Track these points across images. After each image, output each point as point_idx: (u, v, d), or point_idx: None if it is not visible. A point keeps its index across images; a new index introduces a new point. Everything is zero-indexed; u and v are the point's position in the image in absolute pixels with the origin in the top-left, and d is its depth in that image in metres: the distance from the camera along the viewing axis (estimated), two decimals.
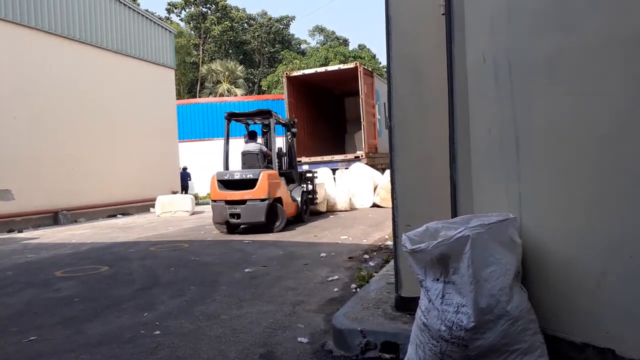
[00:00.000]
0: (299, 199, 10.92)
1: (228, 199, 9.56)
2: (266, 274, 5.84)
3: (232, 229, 9.84)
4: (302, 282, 5.39)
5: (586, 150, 2.23)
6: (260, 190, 9.38)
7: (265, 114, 10.51)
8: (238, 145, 11.01)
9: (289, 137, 11.60)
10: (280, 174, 11.12)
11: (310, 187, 12.22)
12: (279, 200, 9.90)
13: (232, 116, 10.62)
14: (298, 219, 10.97)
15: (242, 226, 9.95)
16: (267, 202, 9.42)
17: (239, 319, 4.12)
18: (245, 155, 10.46)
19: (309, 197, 11.90)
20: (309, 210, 11.82)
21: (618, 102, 2.09)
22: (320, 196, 12.85)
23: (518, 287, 2.38)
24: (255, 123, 11.25)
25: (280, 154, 11.26)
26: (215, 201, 9.79)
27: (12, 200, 12.77)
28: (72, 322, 4.25)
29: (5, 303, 5.04)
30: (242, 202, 9.45)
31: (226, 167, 10.56)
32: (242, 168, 10.29)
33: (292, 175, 11.40)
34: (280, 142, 11.59)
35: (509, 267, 2.33)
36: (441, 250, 2.32)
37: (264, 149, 10.51)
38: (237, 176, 9.73)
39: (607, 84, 2.13)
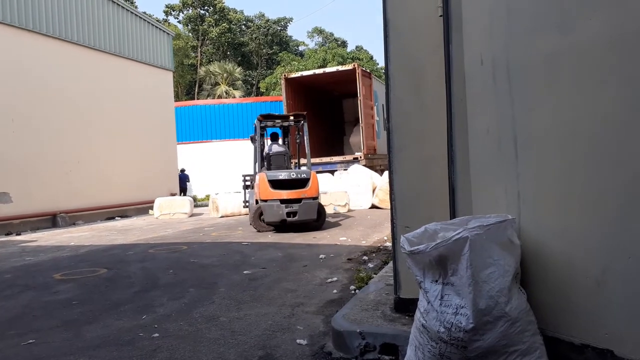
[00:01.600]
0: None
1: (284, 197, 9.81)
2: (265, 276, 5.84)
3: (282, 228, 10.08)
4: (301, 283, 5.39)
5: (585, 150, 2.23)
6: (313, 189, 9.98)
7: (300, 117, 10.92)
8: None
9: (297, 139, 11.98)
10: None
11: None
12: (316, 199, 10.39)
13: (265, 118, 10.91)
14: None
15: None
16: (317, 200, 10.10)
17: (238, 321, 4.11)
18: (273, 156, 10.77)
19: None
20: None
21: (617, 103, 2.09)
22: (324, 198, 12.90)
23: (517, 288, 2.39)
24: (277, 126, 11.44)
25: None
26: (266, 201, 9.92)
27: (10, 203, 12.75)
28: (70, 325, 4.25)
29: (3, 306, 5.03)
30: (298, 200, 9.84)
31: (259, 168, 10.76)
32: (270, 169, 10.50)
33: None
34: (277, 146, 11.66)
35: (507, 268, 2.33)
36: (440, 252, 2.32)
37: (288, 150, 10.98)
38: (293, 175, 10.08)
39: (605, 85, 2.13)
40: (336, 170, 16.32)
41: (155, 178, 18.07)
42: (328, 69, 19.51)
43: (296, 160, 12.45)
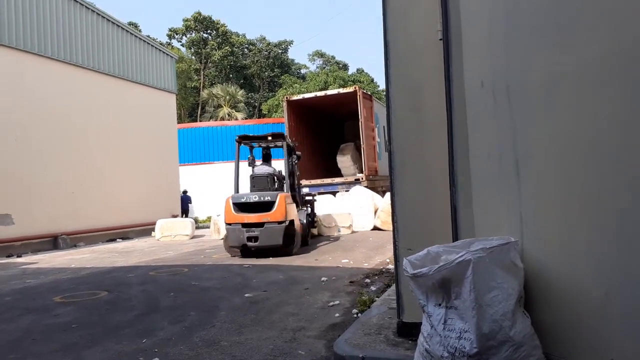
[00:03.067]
0: (305, 221, 10.93)
1: (245, 221, 9.39)
2: (267, 299, 5.79)
3: (247, 252, 9.63)
4: (303, 307, 5.33)
5: (586, 172, 2.23)
6: (277, 213, 9.32)
7: (279, 137, 10.53)
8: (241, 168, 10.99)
9: (294, 160, 11.49)
10: None
11: (309, 209, 12.16)
12: (292, 222, 9.78)
13: (243, 139, 10.63)
14: (303, 242, 10.80)
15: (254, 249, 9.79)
16: (284, 224, 9.34)
17: (239, 345, 4.06)
18: (254, 178, 10.39)
19: (310, 220, 11.84)
20: (311, 233, 11.79)
21: (618, 123, 2.09)
22: (325, 220, 12.82)
23: (521, 311, 2.36)
24: (260, 146, 11.21)
25: (290, 177, 11.28)
26: (230, 224, 9.59)
27: (12, 225, 12.74)
28: (70, 348, 4.20)
29: (3, 329, 4.98)
30: (260, 224, 9.30)
31: (237, 189, 10.47)
32: (251, 191, 10.18)
33: (295, 198, 11.34)
34: (280, 165, 11.61)
35: (511, 291, 2.31)
36: (443, 275, 2.30)
37: (276, 171, 10.50)
38: (254, 198, 9.58)
39: (606, 104, 2.13)
40: (338, 192, 16.30)
41: (157, 199, 18.09)
42: (329, 92, 19.66)
43: (298, 182, 12.30)
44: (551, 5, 2.37)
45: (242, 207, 9.59)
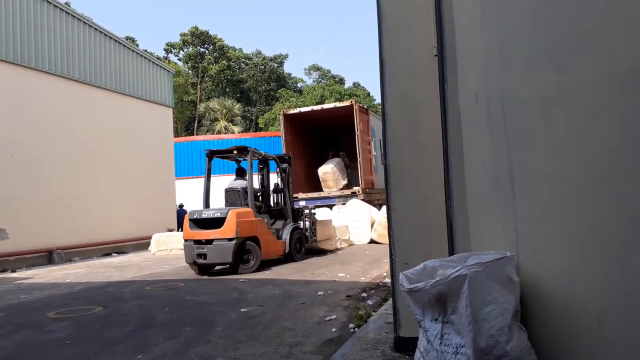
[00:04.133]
0: (287, 236, 10.54)
1: (196, 238, 9.31)
2: (262, 314, 5.75)
3: (203, 270, 9.49)
4: (299, 322, 5.30)
5: (581, 187, 2.24)
6: (227, 230, 9.10)
7: (242, 150, 10.30)
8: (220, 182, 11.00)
9: (279, 172, 11.26)
10: (272, 211, 10.97)
11: (307, 223, 11.80)
12: (254, 239, 9.55)
13: (213, 154, 10.61)
14: (289, 258, 10.62)
15: (216, 267, 9.66)
16: (234, 241, 9.08)
17: None
18: (227, 192, 10.31)
19: (304, 235, 11.46)
20: (303, 248, 11.30)
21: (612, 140, 2.11)
22: (325, 234, 12.46)
23: (517, 326, 2.36)
24: (233, 160, 11.11)
25: (265, 191, 11.13)
26: (186, 241, 9.54)
27: (6, 239, 12.66)
28: None
29: None
30: (210, 241, 9.16)
31: (206, 205, 10.34)
32: (226, 205, 10.03)
33: (283, 212, 11.16)
34: (272, 178, 11.59)
35: (507, 306, 2.31)
36: (439, 290, 2.30)
37: (248, 186, 10.12)
38: (204, 215, 9.46)
39: (600, 122, 2.15)
40: (335, 205, 16.31)
41: (153, 213, 18.02)
42: (326, 105, 19.77)
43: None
44: (545, 27, 2.40)
45: (198, 223, 9.50)
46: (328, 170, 17.13)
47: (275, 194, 11.58)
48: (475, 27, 3.03)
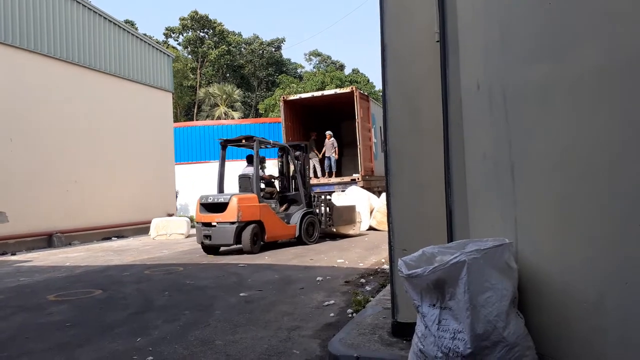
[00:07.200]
0: (297, 221, 11.07)
1: (203, 221, 10.22)
2: (261, 299, 5.79)
3: (209, 249, 10.32)
4: (297, 306, 5.34)
5: (580, 175, 2.24)
6: (229, 214, 9.86)
7: (249, 139, 10.90)
8: (232, 167, 11.55)
9: (291, 159, 11.78)
10: (287, 197, 11.63)
11: (324, 209, 12.24)
12: (259, 223, 10.18)
13: (227, 142, 11.30)
14: (300, 241, 11.16)
15: (222, 248, 10.45)
16: (236, 225, 9.81)
17: (233, 344, 4.07)
18: (240, 179, 11.05)
19: (318, 219, 11.88)
20: (316, 232, 11.72)
21: (612, 128, 2.11)
22: (347, 218, 12.75)
23: (514, 312, 2.38)
24: (248, 147, 11.50)
25: (271, 178, 11.71)
26: (198, 223, 10.43)
27: (6, 222, 12.68)
28: (64, 347, 4.19)
29: None
30: (213, 224, 10.08)
31: (220, 190, 11.10)
32: (239, 191, 10.80)
33: (297, 197, 11.66)
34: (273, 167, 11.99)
35: (505, 292, 2.33)
36: (437, 276, 2.32)
37: (260, 173, 10.83)
38: (210, 200, 10.36)
39: (601, 111, 2.15)
40: (334, 192, 16.32)
41: (152, 198, 18.03)
42: (326, 92, 19.66)
43: (303, 182, 12.26)
44: (547, 15, 2.38)
45: (207, 207, 10.38)
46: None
47: (293, 180, 12.06)
48: (478, 14, 3.01)
